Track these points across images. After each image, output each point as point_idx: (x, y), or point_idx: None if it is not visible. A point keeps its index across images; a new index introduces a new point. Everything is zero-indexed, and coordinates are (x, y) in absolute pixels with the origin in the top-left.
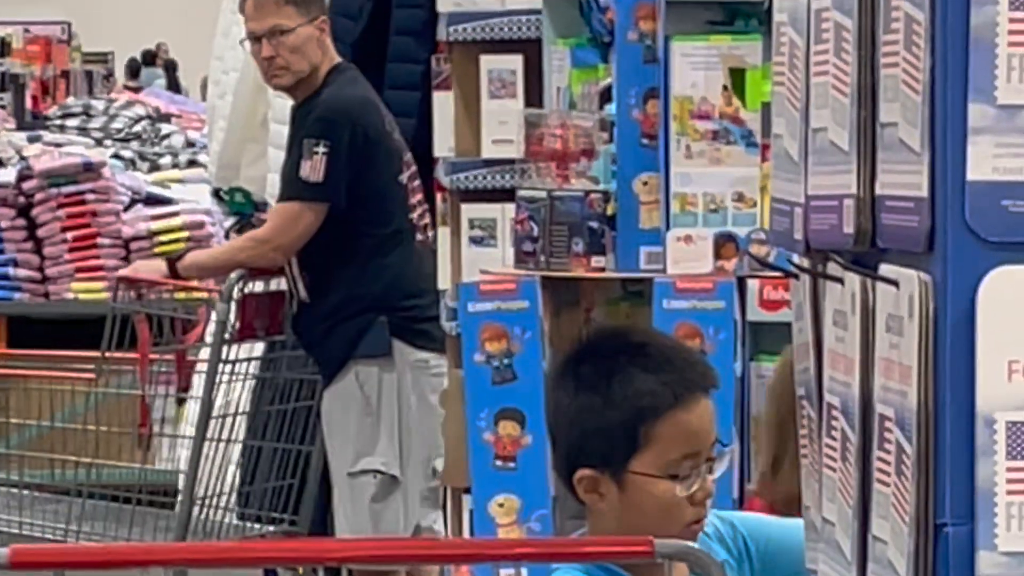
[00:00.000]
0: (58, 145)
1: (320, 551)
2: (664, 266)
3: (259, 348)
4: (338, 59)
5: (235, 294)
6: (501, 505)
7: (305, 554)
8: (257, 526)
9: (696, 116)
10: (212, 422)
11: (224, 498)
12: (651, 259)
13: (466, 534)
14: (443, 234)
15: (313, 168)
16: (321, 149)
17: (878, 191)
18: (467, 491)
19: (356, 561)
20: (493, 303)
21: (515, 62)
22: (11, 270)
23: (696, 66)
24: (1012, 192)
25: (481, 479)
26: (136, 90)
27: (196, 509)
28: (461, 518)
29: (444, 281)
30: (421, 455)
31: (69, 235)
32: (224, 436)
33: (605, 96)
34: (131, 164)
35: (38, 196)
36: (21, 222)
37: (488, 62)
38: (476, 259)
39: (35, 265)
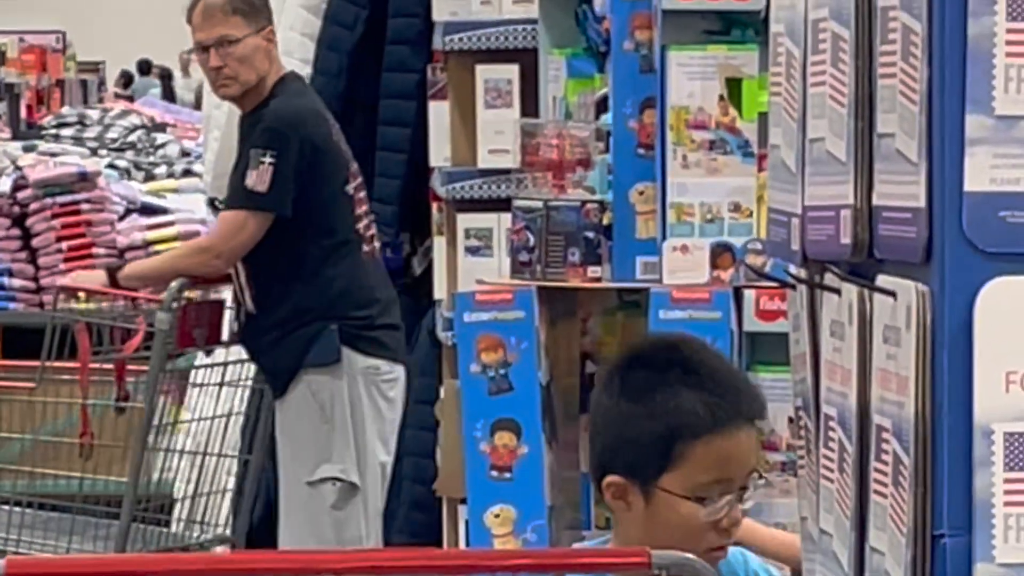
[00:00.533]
0: (53, 155)
1: (316, 562)
2: (660, 276)
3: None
4: (285, 69)
5: (175, 303)
6: (497, 516)
7: (301, 565)
8: (194, 535)
9: (692, 126)
10: (203, 431)
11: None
12: (647, 269)
13: (462, 544)
14: (439, 244)
15: (259, 178)
16: (267, 159)
17: (875, 202)
18: (463, 501)
19: (352, 572)
20: (489, 313)
21: (511, 72)
22: (5, 280)
23: (692, 76)
24: (1010, 203)
25: (477, 489)
26: (129, 100)
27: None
28: (457, 528)
29: (440, 291)
30: (377, 462)
31: (64, 245)
32: (215, 449)
33: (601, 106)
34: (126, 174)
35: (33, 206)
36: (16, 232)
37: (484, 72)
38: (472, 269)
39: (30, 275)
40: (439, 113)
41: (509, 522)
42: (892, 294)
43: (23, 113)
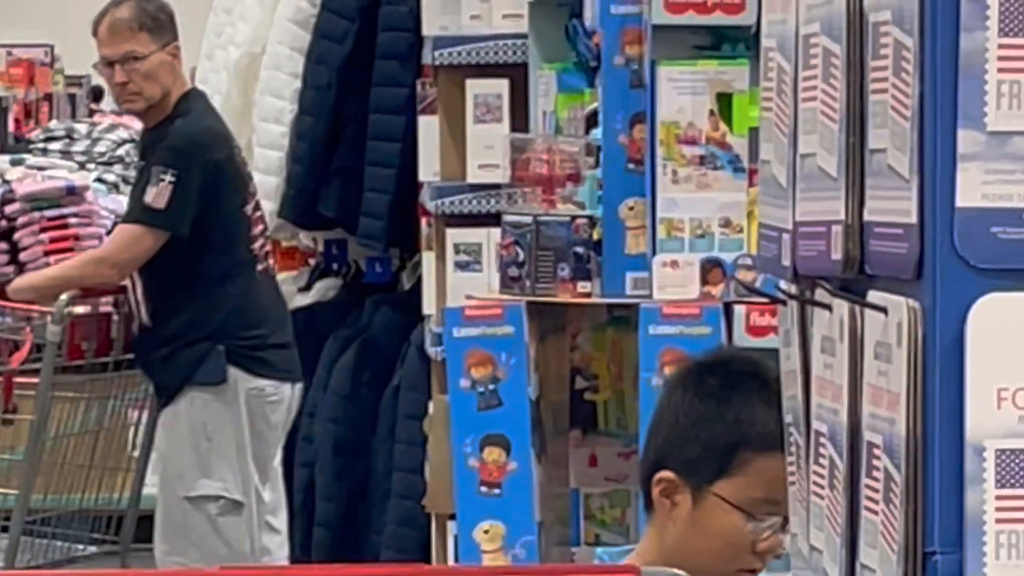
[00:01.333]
0: (41, 168)
1: None
2: (650, 291)
3: None
4: (189, 85)
5: (65, 315)
6: (486, 531)
7: None
8: (80, 547)
9: (683, 141)
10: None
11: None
12: (637, 284)
13: (451, 560)
14: (428, 259)
15: (158, 195)
16: (168, 178)
17: (866, 217)
18: (452, 517)
19: None
20: (479, 328)
21: (501, 86)
22: None
23: (683, 91)
24: (1002, 219)
25: (466, 505)
26: (117, 114)
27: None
28: (446, 544)
29: (429, 306)
30: (258, 480)
31: (52, 259)
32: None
33: (591, 121)
34: (114, 188)
35: (21, 220)
36: (3, 246)
37: (474, 86)
38: (461, 284)
39: None
40: (429, 128)
41: (498, 538)
42: (883, 310)
43: (11, 127)
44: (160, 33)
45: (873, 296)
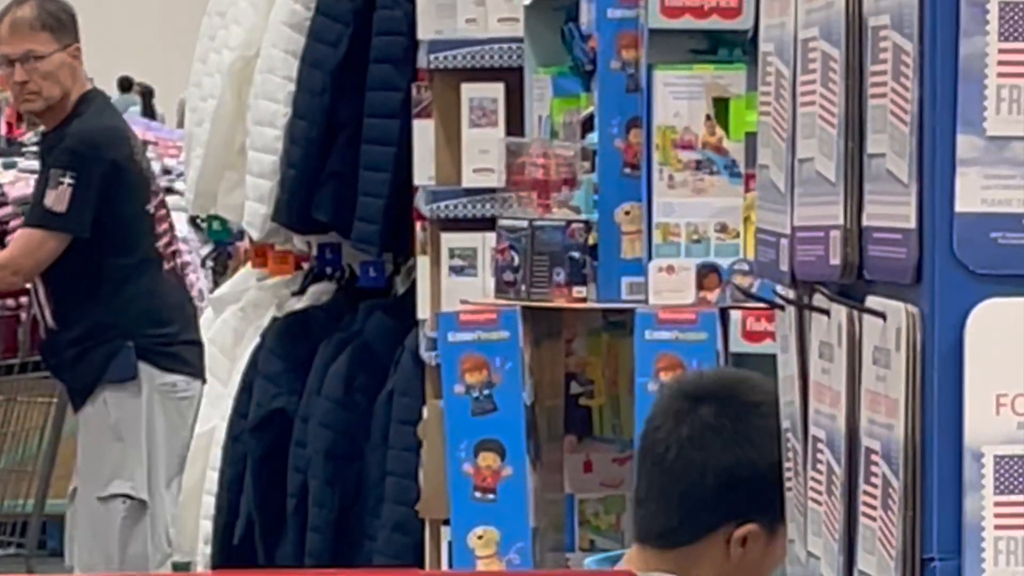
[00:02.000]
0: (33, 172)
1: None
2: (646, 297)
3: None
4: (89, 87)
5: None
6: (480, 537)
7: None
8: None
9: (679, 146)
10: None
11: None
12: (633, 289)
13: (444, 566)
14: (423, 263)
15: (58, 198)
16: (67, 180)
17: (865, 222)
18: (446, 523)
19: None
20: (473, 333)
21: (496, 90)
22: None
23: (679, 95)
24: (1001, 224)
25: (460, 511)
26: None
27: None
28: (440, 550)
29: (423, 311)
30: (167, 478)
31: None
32: None
33: (587, 125)
34: None
35: (13, 223)
36: None
37: (469, 90)
38: (456, 289)
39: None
40: (424, 132)
41: (493, 544)
42: (882, 315)
43: (3, 130)
44: (62, 34)
45: (871, 301)
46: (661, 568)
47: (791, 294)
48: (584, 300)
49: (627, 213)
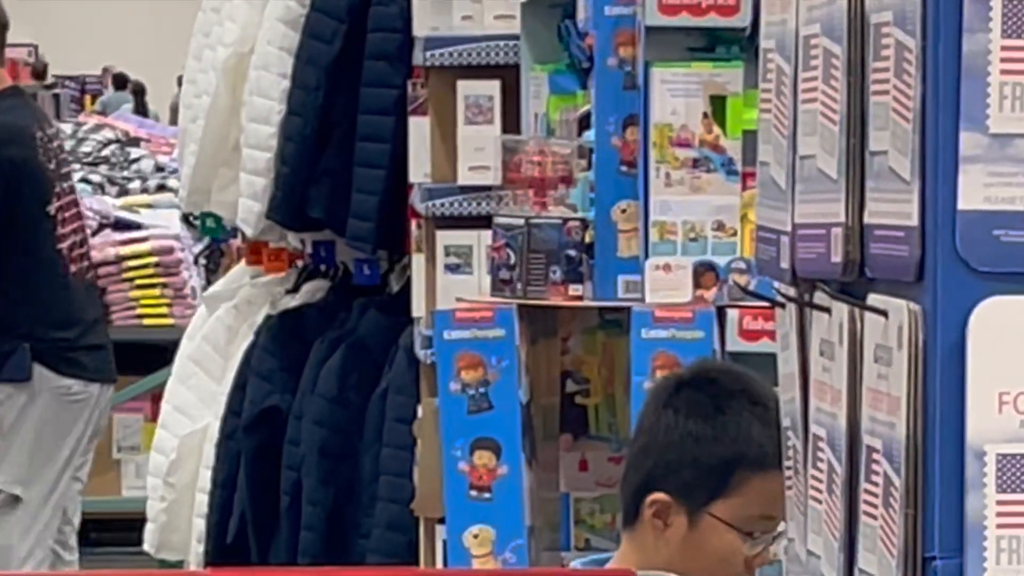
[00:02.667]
0: None
1: None
2: (643, 295)
3: None
4: (8, 82)
5: None
6: (476, 536)
7: None
8: None
9: (676, 143)
10: None
11: None
12: (629, 288)
13: (439, 565)
14: (418, 261)
15: None
16: None
17: (867, 220)
18: (440, 521)
19: None
20: (469, 331)
21: (492, 88)
22: None
23: (676, 93)
24: (1004, 222)
25: (456, 509)
26: (101, 114)
27: None
28: (434, 549)
29: (418, 309)
30: (55, 478)
31: None
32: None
33: (584, 123)
34: (99, 188)
35: None
36: None
37: (465, 87)
38: (451, 287)
39: None
40: (419, 129)
41: (488, 542)
42: (884, 313)
43: None
44: None
45: (873, 299)
46: (621, 555)
47: (792, 292)
48: (580, 298)
49: (624, 211)
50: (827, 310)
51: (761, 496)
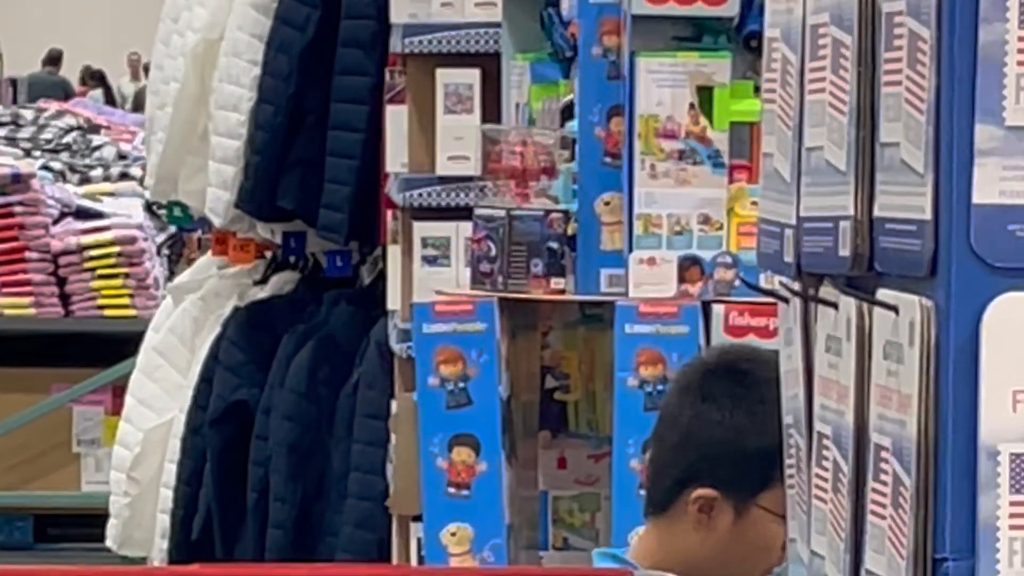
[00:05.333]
0: None
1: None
2: (626, 289)
3: None
4: None
5: None
6: (454, 534)
7: None
8: None
9: (661, 135)
10: None
11: None
12: (612, 282)
13: (414, 563)
14: (394, 253)
15: None
16: None
17: (876, 213)
18: (416, 519)
19: None
20: (449, 325)
21: (472, 76)
22: None
23: (662, 83)
24: (1020, 216)
25: (433, 507)
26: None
27: None
28: (408, 547)
29: (394, 302)
30: None
31: None
32: None
33: (567, 113)
34: (61, 176)
35: None
36: None
37: (444, 76)
38: (428, 279)
39: None
40: (396, 118)
41: (466, 541)
42: (894, 309)
43: None
44: None
45: (883, 294)
46: (650, 540)
47: (796, 286)
48: (562, 292)
49: (607, 203)
50: (834, 305)
51: None
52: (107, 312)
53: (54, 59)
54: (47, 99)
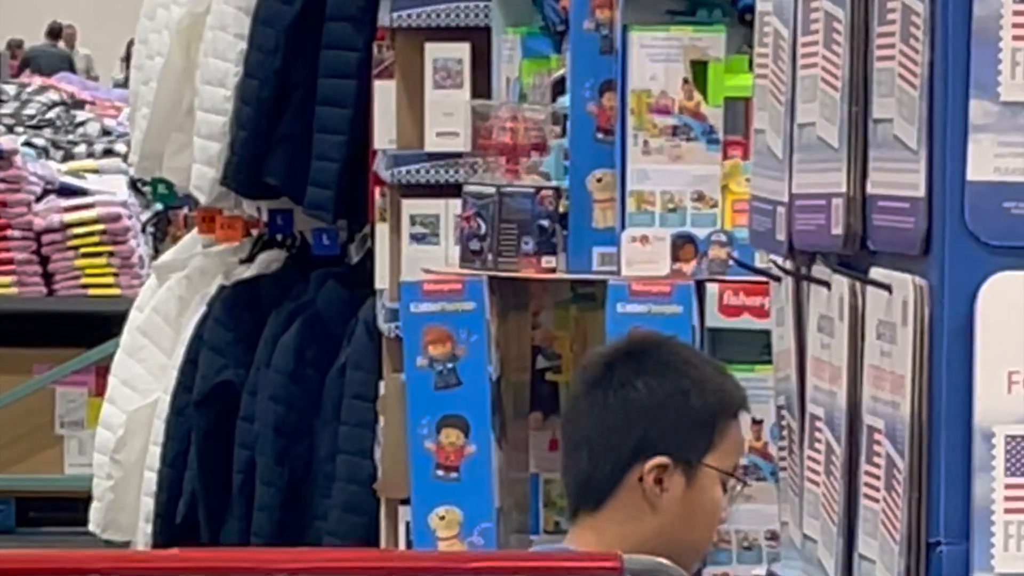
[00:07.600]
0: None
1: (267, 561)
2: (618, 268)
3: None
4: None
5: None
6: (442, 517)
7: (252, 564)
8: None
9: (655, 110)
10: None
11: None
12: (605, 260)
13: (401, 547)
14: (382, 231)
15: None
16: None
17: (870, 190)
18: (404, 502)
19: (304, 572)
20: (437, 304)
21: (462, 50)
22: None
23: (655, 58)
24: (1014, 193)
25: (421, 490)
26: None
27: None
28: (396, 530)
29: (382, 280)
30: None
31: None
32: None
33: (558, 88)
34: (44, 153)
35: None
36: None
37: (433, 50)
38: (416, 257)
39: None
40: (385, 93)
41: (455, 524)
42: (887, 288)
43: None
44: None
45: (876, 273)
46: (587, 536)
47: (788, 265)
48: (554, 270)
49: (599, 180)
50: (826, 284)
51: (735, 443)
52: (91, 291)
53: (55, 32)
54: (53, 73)
